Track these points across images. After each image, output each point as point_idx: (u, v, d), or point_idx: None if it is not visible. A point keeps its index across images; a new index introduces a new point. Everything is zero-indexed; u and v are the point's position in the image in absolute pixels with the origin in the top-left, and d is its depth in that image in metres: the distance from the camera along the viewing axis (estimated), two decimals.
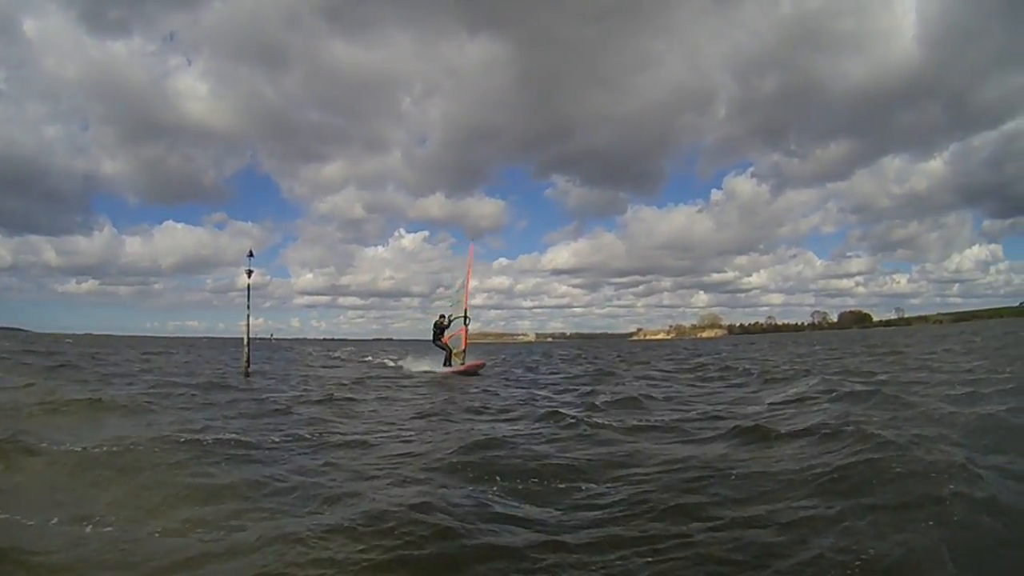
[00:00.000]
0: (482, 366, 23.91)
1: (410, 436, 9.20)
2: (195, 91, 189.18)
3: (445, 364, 23.65)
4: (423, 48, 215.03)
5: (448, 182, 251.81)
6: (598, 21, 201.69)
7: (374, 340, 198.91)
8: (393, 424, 10.41)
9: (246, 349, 22.58)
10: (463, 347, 23.19)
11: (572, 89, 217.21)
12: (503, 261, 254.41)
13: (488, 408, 12.24)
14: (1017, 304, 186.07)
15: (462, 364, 22.81)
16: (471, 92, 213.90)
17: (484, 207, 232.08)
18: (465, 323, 23.05)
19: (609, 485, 6.15)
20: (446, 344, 23.88)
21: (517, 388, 17.21)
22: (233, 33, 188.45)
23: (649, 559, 4.28)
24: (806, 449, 7.12)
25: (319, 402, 13.13)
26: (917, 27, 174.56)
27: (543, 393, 15.30)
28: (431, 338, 24.53)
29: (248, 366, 22.19)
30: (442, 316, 24.19)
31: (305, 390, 15.96)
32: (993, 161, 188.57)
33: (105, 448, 7.35)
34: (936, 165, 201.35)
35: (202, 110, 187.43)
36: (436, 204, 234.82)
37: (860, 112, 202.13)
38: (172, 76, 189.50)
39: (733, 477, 6.15)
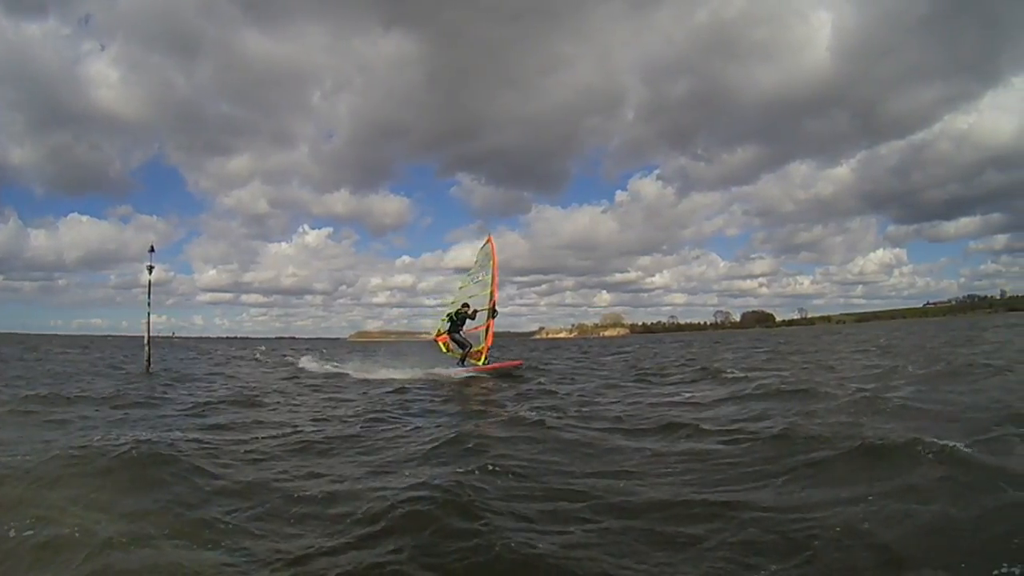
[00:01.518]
0: (519, 366, 22.39)
1: None
2: (106, 78, 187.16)
3: (460, 363, 21.69)
4: (336, 42, 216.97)
5: (353, 178, 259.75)
6: (512, 22, 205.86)
7: (276, 338, 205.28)
8: None
9: (147, 348, 23.56)
10: (488, 344, 21.41)
11: (482, 88, 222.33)
12: (406, 259, 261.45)
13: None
14: (921, 305, 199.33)
15: (485, 363, 21.02)
16: (381, 88, 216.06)
17: (389, 204, 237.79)
18: (492, 316, 21.37)
19: None
20: (466, 338, 22.03)
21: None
22: (149, 19, 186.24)
23: None
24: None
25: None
26: (832, 39, 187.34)
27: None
28: (448, 329, 22.29)
29: (149, 365, 23.19)
30: (466, 305, 22.12)
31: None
32: (900, 169, 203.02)
33: None
34: (843, 172, 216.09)
35: (112, 98, 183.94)
36: (341, 200, 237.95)
37: (769, 119, 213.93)
38: (84, 61, 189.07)
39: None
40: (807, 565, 4.21)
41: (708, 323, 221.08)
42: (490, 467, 6.81)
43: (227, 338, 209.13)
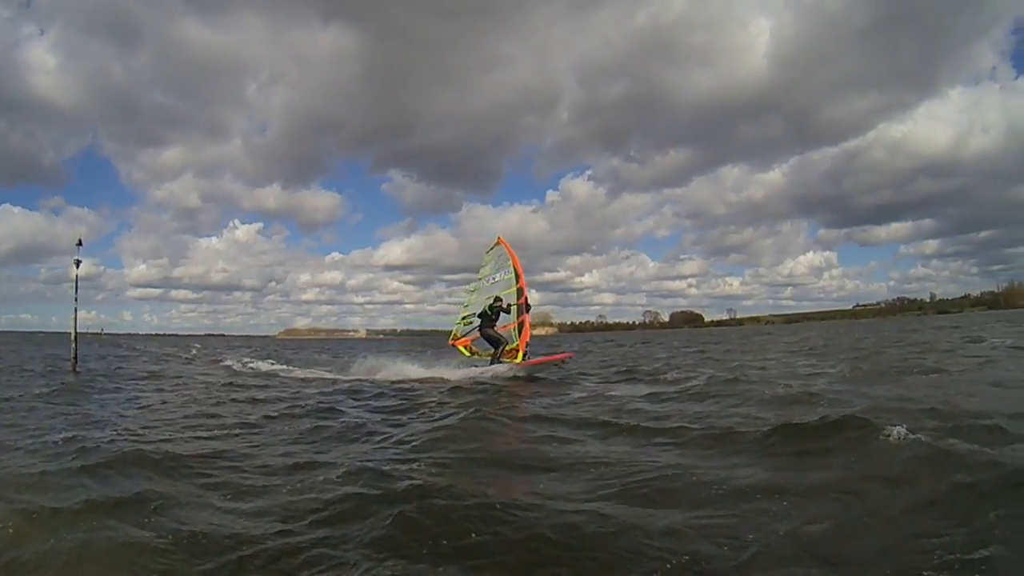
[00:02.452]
0: (569, 359, 21.80)
1: None
2: (44, 64, 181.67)
3: (494, 362, 20.18)
4: (275, 34, 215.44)
5: (285, 173, 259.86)
6: (452, 19, 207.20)
7: (206, 335, 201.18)
8: None
9: (74, 345, 23.01)
10: (525, 339, 20.14)
11: (418, 85, 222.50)
12: (336, 255, 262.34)
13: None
14: (851, 307, 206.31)
15: (524, 359, 19.77)
16: (317, 82, 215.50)
17: (320, 200, 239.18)
18: (527, 311, 20.46)
19: None
20: (500, 335, 20.61)
21: None
22: (90, 3, 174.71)
23: None
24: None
25: None
26: (770, 45, 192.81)
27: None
28: (479, 325, 21.01)
29: (76, 364, 22.38)
30: (498, 299, 20.81)
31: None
32: (832, 175, 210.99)
33: None
34: (775, 176, 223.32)
35: (49, 85, 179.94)
36: (272, 195, 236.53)
37: (703, 122, 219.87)
38: (23, 46, 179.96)
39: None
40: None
41: (637, 323, 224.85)
42: None
43: (158, 335, 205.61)
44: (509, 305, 20.66)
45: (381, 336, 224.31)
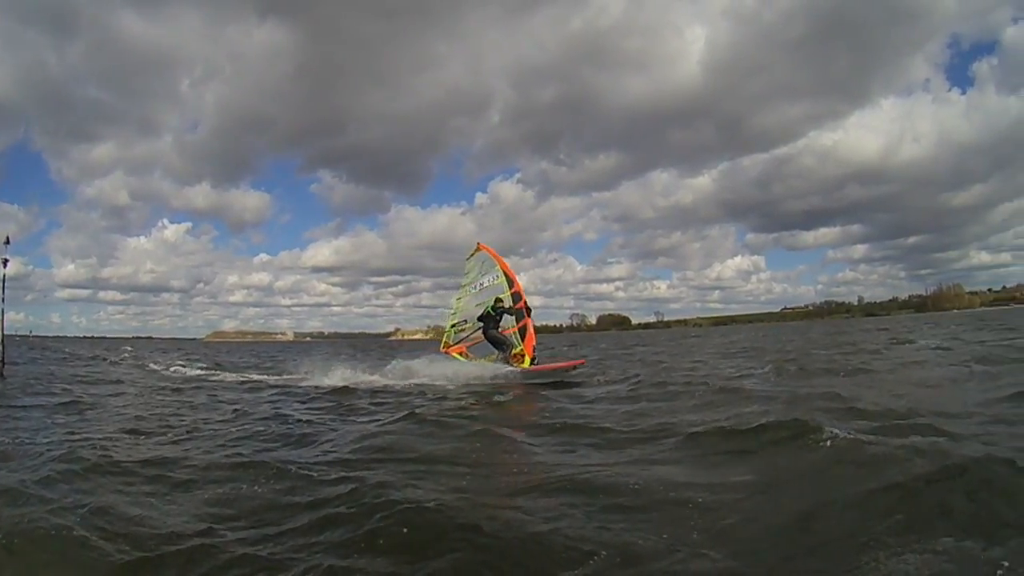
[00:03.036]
0: (580, 365, 20.28)
1: None
2: None
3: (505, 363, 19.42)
4: (211, 29, 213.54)
5: (215, 171, 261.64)
6: (387, 18, 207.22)
7: (134, 338, 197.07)
8: None
9: (1, 348, 21.96)
10: (531, 343, 19.71)
11: (350, 84, 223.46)
12: (264, 257, 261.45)
13: None
14: (778, 310, 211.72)
15: (533, 364, 19.16)
16: (250, 79, 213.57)
17: (249, 200, 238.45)
18: (528, 314, 20.11)
19: None
20: (505, 337, 20.05)
21: None
22: None
23: None
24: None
25: None
26: (704, 53, 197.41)
27: None
28: (483, 327, 20.22)
29: (3, 368, 21.51)
30: (499, 300, 20.31)
31: None
32: (761, 181, 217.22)
33: None
34: (704, 181, 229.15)
35: None
36: (201, 194, 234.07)
37: (634, 127, 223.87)
38: None
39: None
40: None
41: (564, 325, 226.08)
42: None
43: (87, 338, 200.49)
44: (510, 307, 20.31)
45: (308, 339, 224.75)
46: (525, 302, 20.22)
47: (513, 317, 20.13)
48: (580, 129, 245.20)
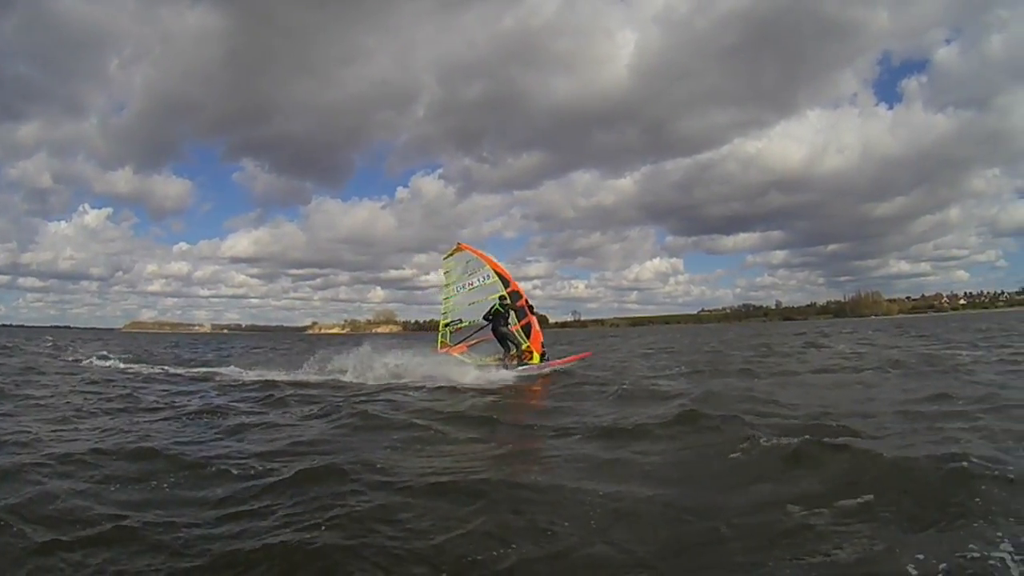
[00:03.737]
0: (588, 357, 21.32)
1: None
2: None
3: (513, 363, 19.19)
4: (145, 8, 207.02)
5: (139, 156, 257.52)
6: (319, 8, 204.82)
7: (53, 327, 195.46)
8: None
9: None
10: (537, 340, 19.79)
11: (279, 72, 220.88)
12: (183, 246, 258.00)
13: None
14: (696, 312, 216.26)
15: (543, 361, 19.24)
16: (179, 62, 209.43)
17: (171, 186, 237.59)
18: (531, 311, 20.32)
19: None
20: (514, 333, 19.83)
21: None
22: None
23: None
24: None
25: None
26: (634, 57, 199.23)
27: None
28: (492, 326, 19.87)
29: None
30: (504, 296, 20.11)
31: None
32: (683, 185, 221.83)
33: None
34: (626, 183, 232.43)
35: None
36: (124, 179, 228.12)
37: (559, 127, 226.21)
38: None
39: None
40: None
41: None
42: None
43: (6, 326, 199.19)
44: (512, 305, 20.17)
45: (226, 331, 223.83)
46: (526, 300, 20.37)
47: (514, 315, 20.09)
48: (505, 127, 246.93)
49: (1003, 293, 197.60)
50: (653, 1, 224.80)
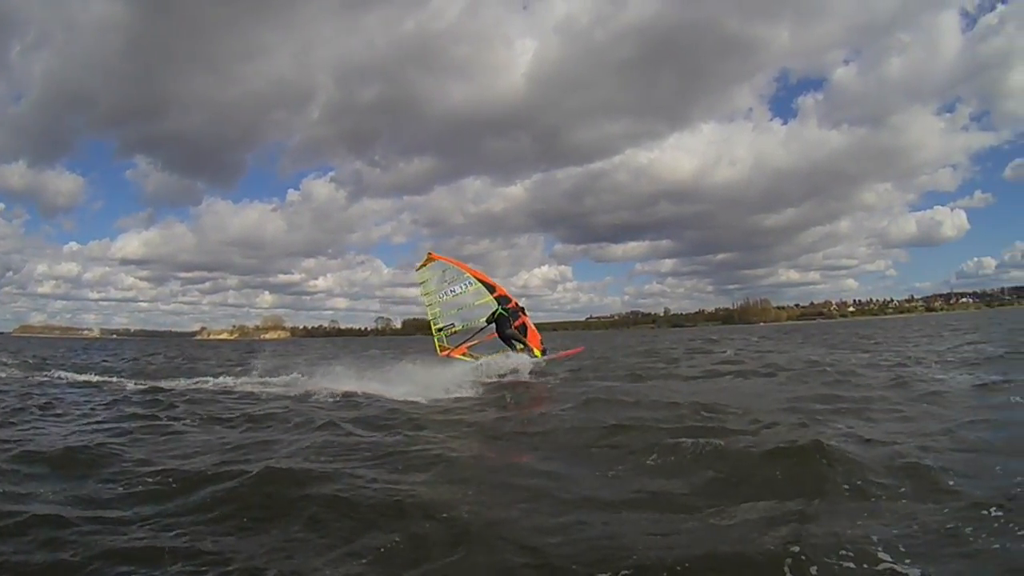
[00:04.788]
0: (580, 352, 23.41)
1: None
2: None
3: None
4: None
5: (34, 149, 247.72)
6: (223, 2, 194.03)
7: None
8: None
9: None
10: (536, 338, 21.04)
11: (177, 66, 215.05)
12: (74, 246, 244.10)
13: None
14: (584, 319, 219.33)
15: (545, 355, 20.70)
16: (80, 52, 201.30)
17: (63, 183, 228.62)
18: (523, 312, 21.36)
19: None
20: (517, 333, 20.71)
21: None
22: None
23: None
24: None
25: None
26: (531, 66, 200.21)
27: None
28: (497, 328, 20.57)
29: None
30: (505, 298, 21.30)
31: None
32: (573, 193, 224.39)
33: None
34: (516, 191, 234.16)
35: None
36: (17, 173, 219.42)
37: (452, 133, 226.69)
38: None
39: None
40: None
41: (369, 329, 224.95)
42: None
43: None
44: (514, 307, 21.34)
45: (115, 336, 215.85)
46: (516, 302, 21.37)
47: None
48: (398, 131, 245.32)
49: (892, 301, 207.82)
50: (555, 11, 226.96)
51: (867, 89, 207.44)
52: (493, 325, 20.90)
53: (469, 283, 22.12)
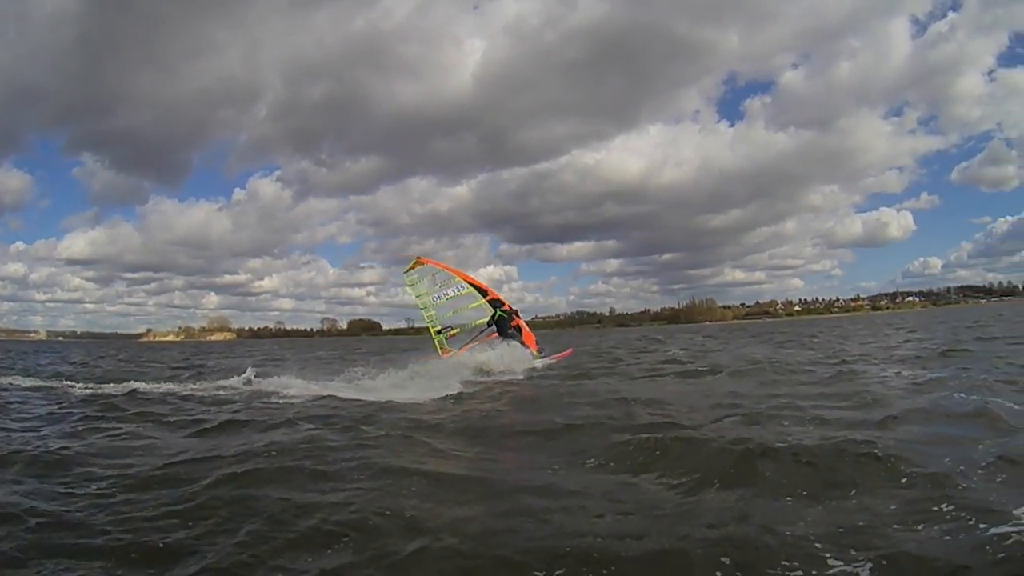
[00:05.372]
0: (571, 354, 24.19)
1: None
2: None
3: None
4: None
5: None
6: None
7: None
8: None
9: None
10: (532, 338, 22.78)
11: (127, 62, 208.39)
12: (20, 245, 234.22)
13: None
14: (529, 319, 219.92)
15: (541, 355, 21.78)
16: (31, 45, 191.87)
17: (11, 180, 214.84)
18: (516, 315, 22.64)
19: None
20: (515, 333, 22.21)
21: None
22: None
23: None
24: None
25: None
26: (479, 66, 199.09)
27: None
28: (497, 329, 21.98)
29: None
30: (501, 301, 22.71)
31: None
32: (519, 194, 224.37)
33: None
34: (462, 191, 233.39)
35: None
36: None
37: (399, 133, 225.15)
38: None
39: None
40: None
41: (315, 330, 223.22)
42: None
43: None
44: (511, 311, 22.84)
45: (61, 338, 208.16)
46: (509, 305, 22.61)
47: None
48: (345, 130, 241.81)
49: (838, 300, 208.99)
50: (505, 12, 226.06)
51: (815, 92, 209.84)
52: (494, 326, 21.92)
53: (461, 287, 22.87)
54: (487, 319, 22.46)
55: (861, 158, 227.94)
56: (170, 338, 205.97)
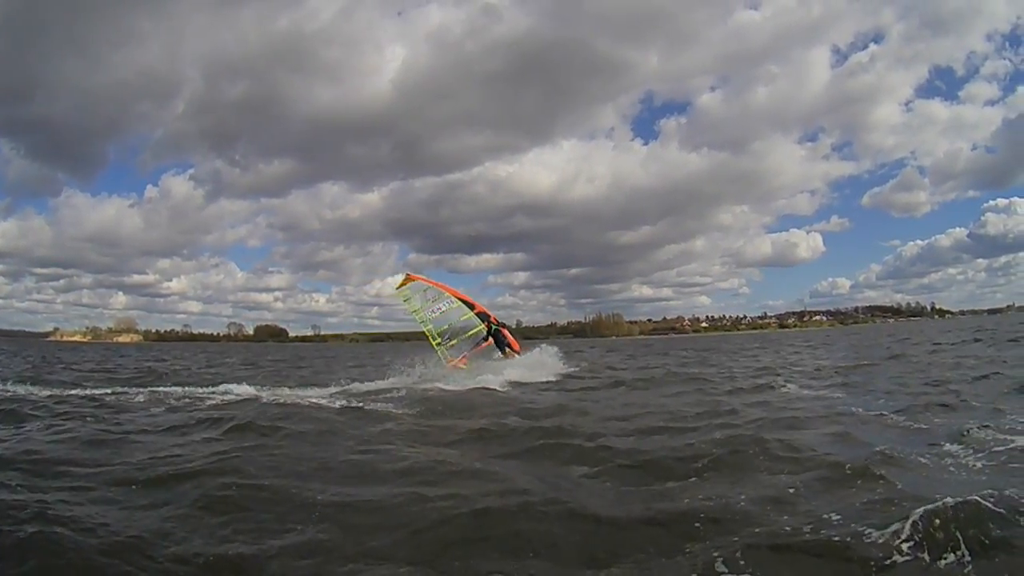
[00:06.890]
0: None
1: None
2: None
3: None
4: None
5: None
6: None
7: None
8: None
9: None
10: (517, 347, 26.14)
11: (49, 48, 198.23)
12: None
13: None
14: None
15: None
16: None
17: None
18: (504, 327, 26.20)
19: None
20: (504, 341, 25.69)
21: None
22: None
23: None
24: None
25: None
26: (398, 73, 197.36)
27: None
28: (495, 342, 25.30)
29: None
30: (490, 315, 25.80)
31: None
32: (430, 203, 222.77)
33: None
34: (373, 198, 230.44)
35: None
36: None
37: (313, 136, 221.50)
38: None
39: None
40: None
41: (221, 334, 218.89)
42: None
43: None
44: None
45: None
46: (495, 317, 25.81)
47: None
48: (261, 131, 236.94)
49: (745, 317, 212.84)
50: (429, 20, 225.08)
51: (731, 115, 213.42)
52: (491, 338, 24.88)
53: (451, 301, 25.23)
54: (475, 330, 25.12)
55: (773, 180, 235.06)
56: (78, 338, 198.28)
